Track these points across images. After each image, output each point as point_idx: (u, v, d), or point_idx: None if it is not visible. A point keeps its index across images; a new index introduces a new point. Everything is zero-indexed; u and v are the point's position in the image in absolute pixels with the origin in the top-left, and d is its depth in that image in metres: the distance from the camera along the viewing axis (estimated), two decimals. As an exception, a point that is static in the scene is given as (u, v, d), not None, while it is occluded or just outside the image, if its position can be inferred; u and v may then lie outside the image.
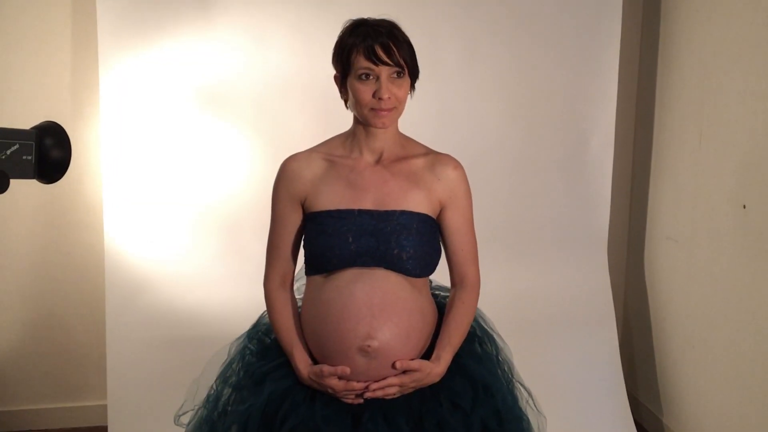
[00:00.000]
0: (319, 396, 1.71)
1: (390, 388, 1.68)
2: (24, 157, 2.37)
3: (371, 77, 1.69)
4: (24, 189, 2.79)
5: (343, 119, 1.89)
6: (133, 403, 3.04)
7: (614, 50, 3.22)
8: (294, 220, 1.83)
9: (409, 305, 1.72)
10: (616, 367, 3.31)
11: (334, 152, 1.84)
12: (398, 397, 1.70)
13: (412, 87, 1.79)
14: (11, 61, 3.07)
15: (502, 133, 3.26)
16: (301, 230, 1.84)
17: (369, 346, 1.65)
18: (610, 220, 3.36)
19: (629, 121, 3.48)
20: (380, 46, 1.68)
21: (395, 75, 1.70)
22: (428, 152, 1.86)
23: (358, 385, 1.67)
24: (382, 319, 1.67)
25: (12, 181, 2.33)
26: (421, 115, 3.14)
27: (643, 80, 3.42)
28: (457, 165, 1.85)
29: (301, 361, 1.74)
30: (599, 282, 3.37)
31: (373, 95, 1.69)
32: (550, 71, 3.24)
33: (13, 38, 3.07)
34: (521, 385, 1.91)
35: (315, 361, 1.75)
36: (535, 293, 3.34)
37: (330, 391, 1.69)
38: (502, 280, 3.27)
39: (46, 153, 2.43)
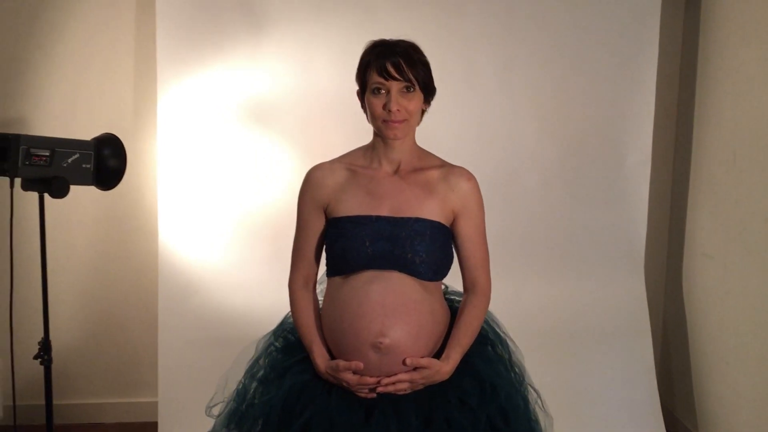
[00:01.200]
0: (335, 390, 1.83)
1: (400, 383, 1.79)
2: (84, 166, 2.61)
3: (383, 91, 1.83)
4: (87, 197, 3.00)
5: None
6: (182, 400, 3.18)
7: (651, 68, 3.27)
8: (317, 226, 1.96)
9: (420, 306, 1.83)
10: (650, 381, 3.34)
11: (355, 162, 1.97)
12: (408, 393, 1.81)
13: (427, 102, 1.90)
14: (79, 79, 3.33)
15: (539, 149, 3.34)
16: (324, 235, 1.96)
17: (381, 342, 1.77)
18: (649, 236, 3.40)
19: (669, 138, 3.53)
20: (391, 64, 1.81)
21: (405, 90, 1.83)
22: (443, 164, 1.97)
23: (370, 380, 1.79)
24: (394, 318, 1.79)
25: (74, 188, 2.54)
26: (460, 133, 3.27)
27: (683, 99, 3.46)
28: (471, 177, 1.94)
29: (320, 356, 1.86)
30: (635, 297, 3.40)
31: (384, 107, 1.83)
32: (587, 89, 3.31)
33: (82, 58, 3.32)
34: (531, 387, 2.00)
35: (332, 357, 1.87)
36: (571, 307, 3.39)
37: (345, 384, 1.81)
38: (538, 293, 3.35)
39: (104, 162, 2.67)
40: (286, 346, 2.00)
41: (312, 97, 3.21)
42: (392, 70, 1.81)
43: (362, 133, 2.02)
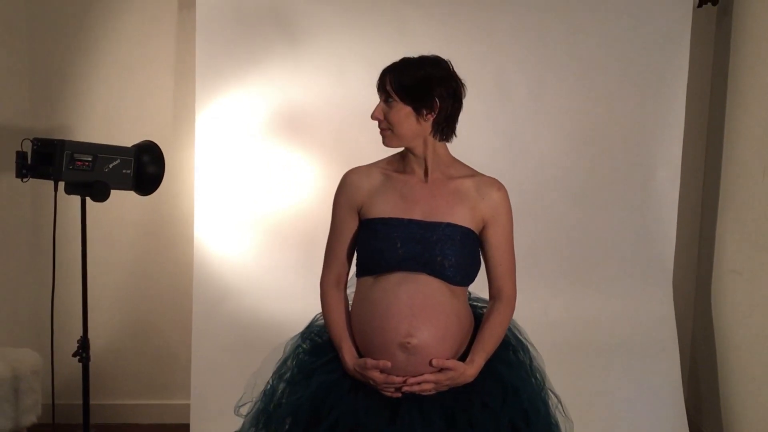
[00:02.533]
0: (362, 390, 1.89)
1: (426, 384, 1.84)
2: (124, 171, 2.72)
3: (379, 102, 1.96)
4: (126, 202, 3.10)
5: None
6: (213, 402, 3.24)
7: (682, 84, 3.30)
8: (351, 227, 2.03)
9: (447, 309, 1.88)
10: (677, 397, 3.33)
11: (390, 168, 2.04)
12: (433, 394, 1.86)
13: (419, 113, 1.91)
14: (121, 89, 3.46)
15: (569, 164, 3.37)
16: (356, 236, 2.03)
17: (409, 342, 1.83)
18: (678, 251, 3.41)
19: (698, 154, 3.54)
20: (379, 78, 1.94)
21: (386, 101, 1.93)
22: (475, 174, 2.02)
23: (397, 379, 1.84)
24: (421, 319, 1.84)
25: (114, 193, 2.64)
26: (491, 147, 3.32)
27: (713, 114, 3.47)
28: (501, 187, 1.99)
29: (348, 354, 1.92)
30: (664, 312, 3.41)
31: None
32: (617, 104, 3.34)
33: (124, 70, 3.46)
34: (552, 392, 2.04)
35: (361, 355, 1.92)
36: (598, 321, 3.41)
37: (372, 383, 1.86)
38: (566, 306, 3.38)
39: (143, 168, 2.77)
40: (313, 348, 2.05)
41: (345, 108, 3.29)
42: (378, 83, 1.94)
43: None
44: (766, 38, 2.98)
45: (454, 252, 1.88)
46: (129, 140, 2.88)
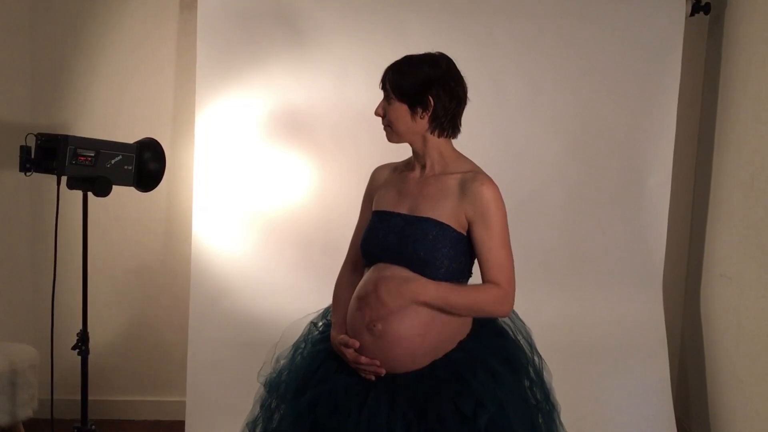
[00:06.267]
0: (346, 369, 1.98)
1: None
2: (125, 167, 2.75)
3: (382, 99, 2.04)
4: (127, 198, 3.13)
5: (403, 148, 2.14)
6: (208, 400, 3.29)
7: (673, 92, 3.36)
8: (368, 217, 2.15)
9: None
10: (666, 398, 3.38)
11: (402, 165, 2.15)
12: (407, 385, 1.91)
13: (413, 111, 1.97)
14: (123, 88, 3.50)
15: (562, 169, 3.43)
16: None
17: (374, 325, 1.92)
18: (668, 256, 3.46)
19: (689, 160, 3.60)
20: (383, 74, 2.03)
21: (386, 98, 2.01)
22: (469, 171, 2.03)
23: (363, 359, 1.93)
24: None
25: (115, 189, 2.67)
26: (486, 150, 3.34)
27: (703, 121, 3.54)
28: (486, 182, 1.98)
29: (335, 329, 2.06)
30: (653, 315, 3.46)
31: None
32: (610, 111, 3.40)
33: (125, 68, 3.50)
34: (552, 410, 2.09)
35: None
36: (589, 323, 3.45)
37: (345, 359, 1.96)
38: (558, 309, 3.42)
39: (145, 165, 2.81)
40: (325, 326, 2.18)
41: (343, 109, 3.34)
42: (380, 81, 2.03)
43: (391, 145, 2.12)
44: (756, 47, 3.04)
45: (425, 248, 1.94)
46: (129, 138, 2.91)
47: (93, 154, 2.62)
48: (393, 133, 2.03)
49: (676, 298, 3.67)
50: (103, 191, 2.64)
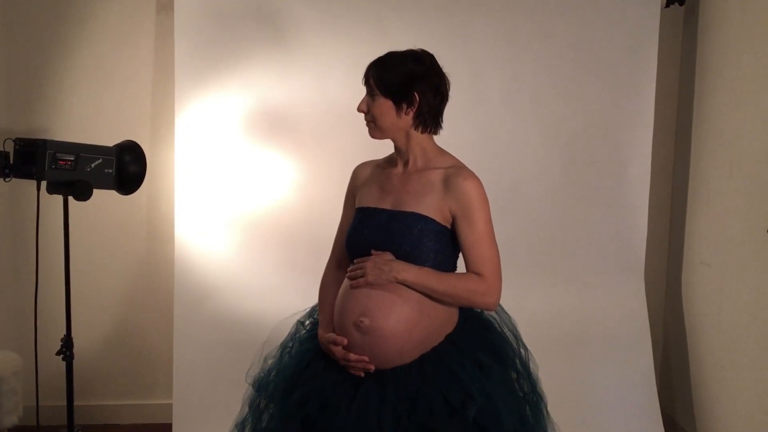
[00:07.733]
0: (334, 366, 1.98)
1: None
2: (106, 170, 2.73)
3: (365, 95, 2.05)
4: (108, 201, 3.10)
5: (385, 145, 2.14)
6: (195, 402, 3.28)
7: (651, 82, 3.39)
8: (350, 215, 2.17)
9: (408, 296, 1.94)
10: (650, 386, 3.42)
11: (384, 161, 2.16)
12: (397, 382, 1.92)
13: (399, 107, 1.99)
14: (101, 90, 3.47)
15: (542, 160, 3.45)
16: None
17: (362, 322, 1.93)
18: (649, 245, 3.49)
19: (668, 150, 3.64)
20: (366, 70, 2.03)
21: (369, 94, 2.02)
22: (452, 166, 2.05)
23: (352, 356, 1.93)
24: (377, 302, 1.93)
25: (96, 193, 2.65)
26: (466, 144, 3.34)
27: (681, 111, 3.57)
28: (469, 176, 2.01)
29: (322, 328, 2.05)
30: (636, 304, 3.49)
31: None
32: (589, 102, 3.43)
33: (103, 70, 3.47)
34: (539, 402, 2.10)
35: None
36: (572, 314, 3.48)
37: (333, 357, 1.97)
38: (541, 301, 3.44)
39: (125, 167, 2.79)
40: (312, 325, 2.18)
41: (324, 107, 3.34)
42: (363, 77, 2.03)
43: (373, 142, 2.13)
44: (731, 37, 3.08)
45: (410, 242, 1.96)
46: (108, 141, 2.89)
47: (73, 158, 2.60)
48: (376, 129, 2.04)
49: (658, 287, 3.71)
50: (83, 195, 2.62)
